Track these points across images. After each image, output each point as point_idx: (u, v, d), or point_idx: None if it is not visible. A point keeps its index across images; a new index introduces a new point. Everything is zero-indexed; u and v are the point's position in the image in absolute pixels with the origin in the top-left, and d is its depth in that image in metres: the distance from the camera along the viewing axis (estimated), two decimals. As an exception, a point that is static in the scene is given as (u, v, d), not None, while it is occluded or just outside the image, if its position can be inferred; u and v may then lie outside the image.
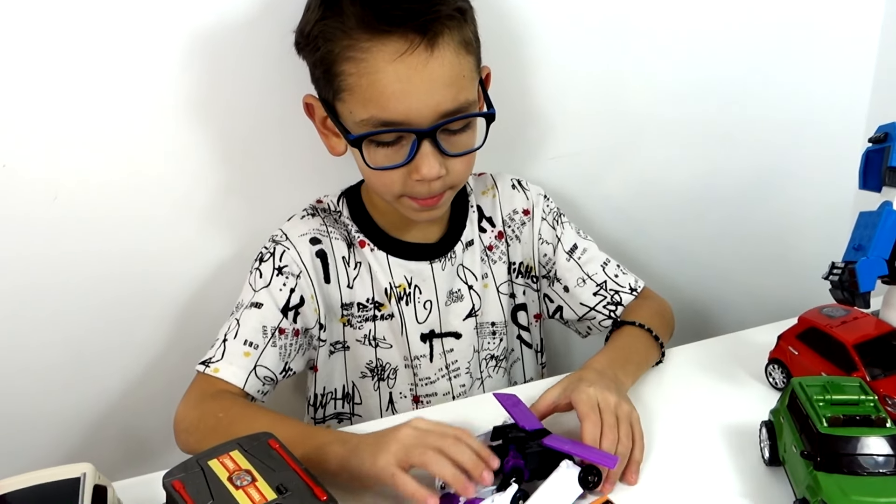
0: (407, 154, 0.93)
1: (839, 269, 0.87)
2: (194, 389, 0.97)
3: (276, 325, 1.00)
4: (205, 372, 0.97)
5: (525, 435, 0.82)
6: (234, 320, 1.00)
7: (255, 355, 0.98)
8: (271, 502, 0.63)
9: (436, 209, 1.02)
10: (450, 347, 1.13)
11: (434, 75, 0.90)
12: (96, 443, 1.22)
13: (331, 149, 1.03)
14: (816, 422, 0.73)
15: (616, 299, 1.14)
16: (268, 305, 1.01)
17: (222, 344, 0.98)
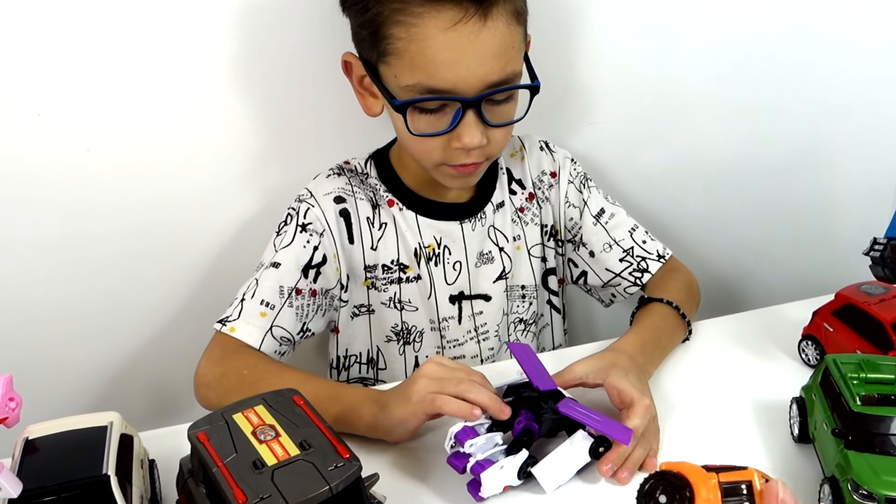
0: (450, 122, 0.92)
1: (881, 244, 0.84)
2: (215, 346, 0.97)
3: (294, 286, 1.00)
4: (221, 330, 0.97)
5: (538, 395, 0.80)
6: (254, 280, 1.00)
7: (272, 315, 0.98)
8: (294, 458, 0.63)
9: (472, 177, 1.02)
10: (479, 310, 1.13)
11: (485, 46, 0.89)
12: (123, 394, 1.24)
13: (367, 109, 1.02)
14: (850, 400, 0.71)
15: (643, 266, 1.12)
16: (286, 266, 1.00)
17: (240, 303, 0.99)
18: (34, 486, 0.63)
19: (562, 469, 0.78)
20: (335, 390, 0.89)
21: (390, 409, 0.81)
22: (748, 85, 1.33)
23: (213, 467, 0.62)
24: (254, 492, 0.59)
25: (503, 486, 0.76)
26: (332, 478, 0.61)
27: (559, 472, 0.78)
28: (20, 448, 0.68)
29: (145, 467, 0.74)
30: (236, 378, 0.91)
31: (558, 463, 0.77)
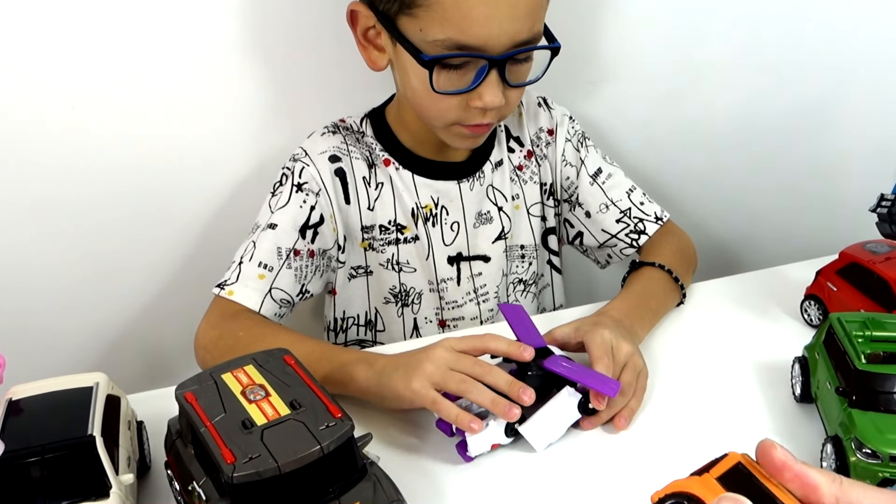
0: (472, 80, 0.90)
1: (889, 200, 0.82)
2: (214, 310, 0.96)
3: (292, 247, 0.98)
4: (220, 294, 0.95)
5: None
6: (251, 242, 0.98)
7: (270, 278, 0.96)
8: (284, 417, 0.61)
9: (481, 138, 1.00)
10: (478, 271, 1.11)
11: (519, 3, 0.86)
12: (115, 358, 1.23)
13: (370, 63, 0.98)
14: (854, 358, 0.70)
15: (640, 227, 1.10)
16: (283, 226, 0.98)
17: (238, 266, 0.97)
18: (17, 447, 0.61)
19: (550, 427, 0.76)
20: (329, 351, 0.87)
21: (388, 380, 0.78)
22: (753, 45, 1.30)
23: (200, 427, 0.61)
24: (242, 452, 0.58)
25: (490, 444, 0.75)
26: (324, 437, 0.59)
27: (548, 430, 0.76)
28: (3, 409, 0.66)
29: (133, 429, 0.73)
30: (232, 340, 0.90)
31: (546, 421, 0.76)
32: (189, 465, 0.63)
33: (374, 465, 0.64)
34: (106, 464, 0.62)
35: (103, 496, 0.61)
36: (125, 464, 0.66)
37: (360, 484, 0.61)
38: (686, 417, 0.80)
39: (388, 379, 0.78)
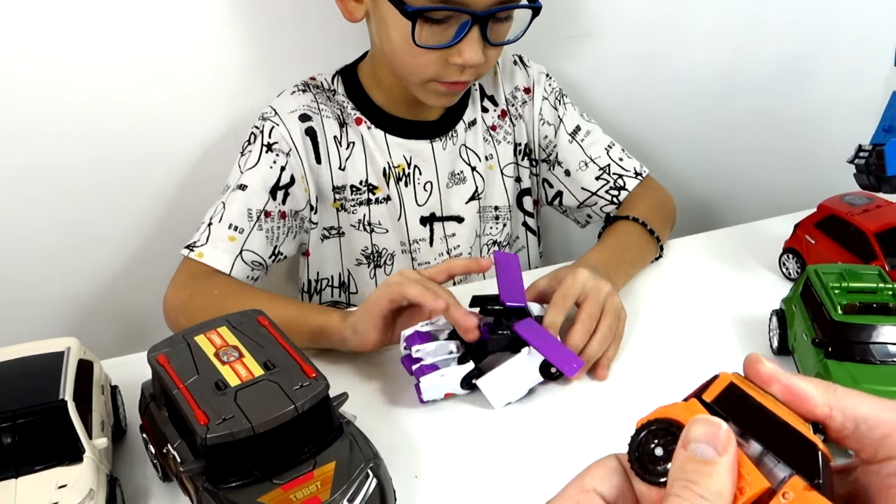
0: (453, 36, 0.88)
1: (866, 151, 0.81)
2: (183, 271, 0.94)
3: (262, 208, 0.96)
4: (189, 256, 0.94)
5: (502, 309, 0.77)
6: (221, 203, 0.97)
7: (241, 239, 0.95)
8: (258, 378, 0.61)
9: (456, 95, 0.99)
10: (451, 232, 1.10)
11: None
12: (90, 324, 1.21)
13: (347, 14, 0.96)
14: (831, 309, 0.70)
15: (619, 184, 1.09)
16: (253, 187, 0.96)
17: (207, 227, 0.95)
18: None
19: (509, 385, 0.76)
20: (303, 311, 0.86)
21: (356, 312, 0.79)
22: (734, 4, 1.29)
23: (173, 389, 0.60)
24: (216, 413, 0.57)
25: (444, 393, 0.76)
26: (298, 397, 0.59)
27: (506, 388, 0.76)
28: (-28, 375, 0.65)
29: (107, 393, 0.72)
30: (205, 298, 0.89)
31: (504, 378, 0.75)
32: (163, 428, 0.63)
33: (351, 424, 0.64)
34: (78, 428, 0.61)
35: (77, 461, 0.60)
36: (99, 428, 0.65)
37: (337, 443, 0.61)
38: (663, 371, 0.81)
39: (356, 312, 0.80)
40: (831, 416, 0.33)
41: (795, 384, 0.33)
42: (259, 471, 0.57)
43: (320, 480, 0.58)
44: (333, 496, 0.57)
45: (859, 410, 0.33)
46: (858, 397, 0.33)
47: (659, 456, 0.34)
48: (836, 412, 0.33)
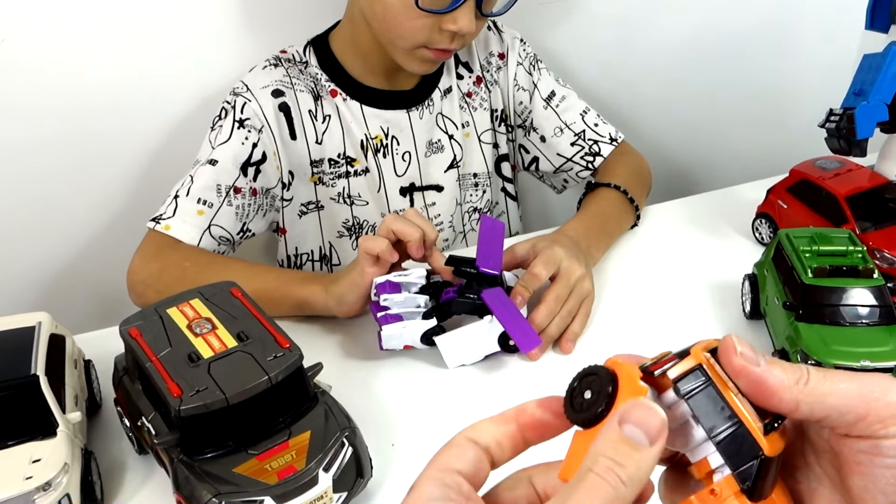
0: (450, 3, 0.88)
1: (837, 115, 0.82)
2: (148, 244, 0.93)
3: (232, 184, 0.95)
4: (155, 228, 0.92)
5: (475, 273, 0.77)
6: (189, 177, 0.95)
7: (210, 214, 0.93)
8: (231, 350, 0.61)
9: (439, 63, 0.99)
10: (431, 201, 1.10)
11: None
12: (63, 299, 1.20)
13: None
14: (801, 273, 0.71)
15: (595, 150, 1.09)
16: (223, 163, 0.95)
17: (174, 200, 0.94)
18: (-42, 388, 0.60)
19: (466, 348, 0.77)
20: (285, 278, 0.86)
21: (341, 283, 0.80)
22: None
23: (146, 362, 0.60)
24: (189, 385, 0.57)
25: (404, 344, 0.77)
26: (272, 368, 0.59)
27: (462, 351, 0.77)
28: (-58, 351, 0.64)
29: (80, 367, 0.72)
30: (177, 271, 0.88)
31: (462, 341, 0.76)
32: (137, 401, 0.63)
33: (326, 394, 0.64)
34: (51, 402, 0.61)
35: (50, 435, 0.60)
36: (72, 402, 0.65)
37: (312, 413, 0.61)
38: (637, 335, 0.81)
39: (343, 285, 0.80)
40: (798, 410, 0.33)
41: (763, 380, 0.32)
42: (234, 441, 0.57)
43: (295, 450, 0.58)
44: (309, 465, 0.57)
45: (829, 400, 0.32)
46: (831, 382, 0.32)
47: (586, 398, 0.34)
48: (804, 406, 0.32)
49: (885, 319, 0.67)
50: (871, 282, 0.69)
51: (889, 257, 0.80)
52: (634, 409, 0.31)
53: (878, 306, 0.68)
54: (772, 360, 0.33)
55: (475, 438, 0.37)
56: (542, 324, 0.78)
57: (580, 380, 0.35)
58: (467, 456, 0.36)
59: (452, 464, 0.36)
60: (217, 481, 0.55)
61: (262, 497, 0.55)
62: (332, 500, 0.57)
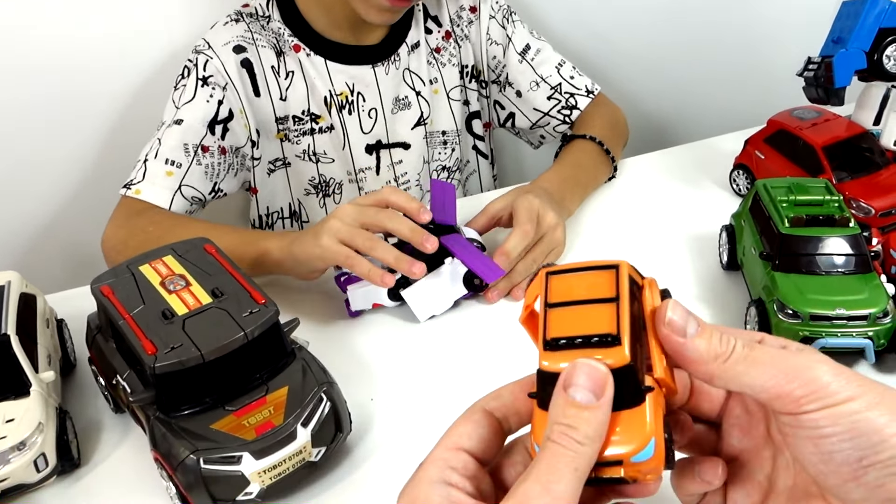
0: None
1: (815, 63, 0.81)
2: (120, 210, 0.91)
3: (199, 143, 0.93)
4: (127, 194, 0.91)
5: (433, 227, 0.76)
6: (156, 139, 0.93)
7: (179, 175, 0.92)
8: (206, 306, 0.60)
9: (397, 14, 0.96)
10: (398, 159, 1.08)
11: None
12: (35, 259, 1.19)
13: None
14: (778, 222, 0.70)
15: (571, 102, 1.08)
16: (189, 122, 0.93)
17: (143, 164, 0.92)
18: (-74, 349, 0.59)
19: (433, 297, 0.77)
20: (243, 237, 0.84)
21: (299, 245, 0.77)
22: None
23: (119, 320, 0.59)
24: (164, 342, 0.56)
25: (372, 303, 0.77)
26: (247, 324, 0.58)
27: (430, 300, 0.77)
28: None
29: (52, 327, 0.70)
30: (142, 236, 0.86)
31: (429, 290, 0.76)
32: (111, 360, 0.62)
33: (304, 349, 0.63)
34: (23, 362, 0.60)
35: (23, 394, 0.59)
36: (45, 361, 0.64)
37: (289, 368, 0.60)
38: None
39: (300, 244, 0.76)
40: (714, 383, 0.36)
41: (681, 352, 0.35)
42: (211, 398, 0.57)
43: (273, 406, 0.57)
44: (287, 420, 0.57)
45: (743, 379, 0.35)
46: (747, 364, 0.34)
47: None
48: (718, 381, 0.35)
49: (860, 268, 0.67)
50: (847, 231, 0.69)
51: (865, 206, 0.80)
52: (575, 371, 0.33)
53: (853, 255, 0.68)
54: (701, 332, 0.35)
55: (493, 410, 0.38)
56: (512, 252, 0.77)
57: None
58: (479, 433, 0.38)
59: (463, 442, 0.37)
60: (194, 438, 0.55)
61: (241, 453, 0.54)
62: (311, 454, 0.57)
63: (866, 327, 0.64)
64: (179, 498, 0.55)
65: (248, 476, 0.54)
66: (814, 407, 0.33)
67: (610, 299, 0.36)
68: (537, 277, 0.38)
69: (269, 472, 0.55)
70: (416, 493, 0.35)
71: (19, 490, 0.58)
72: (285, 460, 0.56)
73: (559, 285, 0.37)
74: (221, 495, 0.55)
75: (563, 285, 0.37)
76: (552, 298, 0.36)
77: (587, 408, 0.32)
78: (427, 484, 0.35)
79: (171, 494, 0.56)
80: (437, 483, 0.35)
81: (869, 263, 0.67)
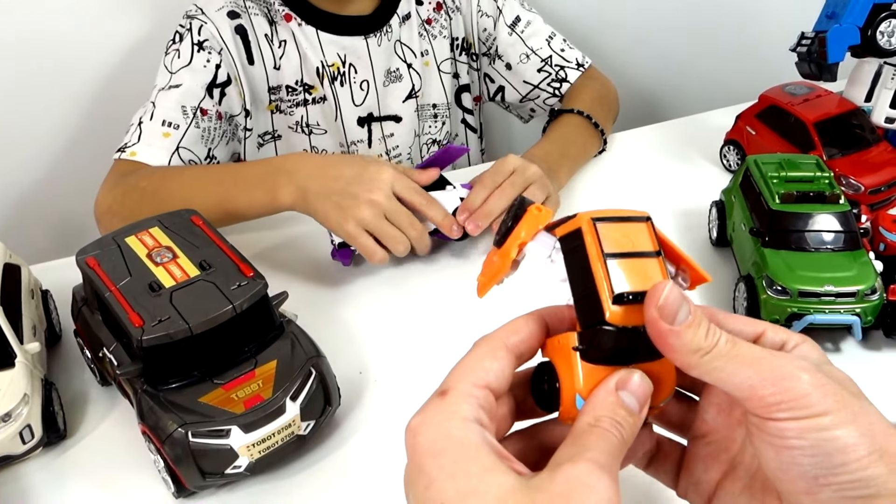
0: None
1: (809, 38, 0.81)
2: (113, 174, 0.90)
3: (198, 105, 0.92)
4: (121, 157, 0.89)
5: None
6: (150, 103, 0.92)
7: (177, 136, 0.90)
8: (194, 279, 0.59)
9: None
10: (389, 132, 1.07)
11: None
12: (19, 229, 1.17)
13: None
14: (769, 198, 0.70)
15: (561, 75, 1.07)
16: (188, 85, 0.92)
17: (138, 127, 0.90)
18: None
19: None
20: (240, 169, 0.83)
21: (319, 205, 0.74)
22: None
23: (105, 292, 0.58)
24: (151, 315, 0.55)
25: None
26: (236, 297, 0.57)
27: None
28: None
29: (37, 298, 0.70)
30: (137, 194, 0.85)
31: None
32: (98, 332, 0.61)
33: (292, 322, 0.63)
34: (8, 332, 0.60)
35: (8, 366, 0.59)
36: (31, 333, 0.64)
37: (278, 342, 0.60)
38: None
39: (320, 204, 0.74)
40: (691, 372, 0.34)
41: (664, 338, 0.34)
42: (199, 371, 0.57)
43: (262, 379, 0.57)
44: (276, 394, 0.56)
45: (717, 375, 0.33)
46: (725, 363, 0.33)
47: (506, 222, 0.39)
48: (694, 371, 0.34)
49: (849, 245, 0.67)
50: (837, 207, 0.69)
51: (855, 183, 0.80)
52: (634, 377, 0.34)
53: (843, 232, 0.68)
54: (690, 323, 0.33)
55: (512, 347, 0.37)
56: (473, 204, 0.77)
57: (508, 211, 0.38)
58: (504, 372, 0.36)
59: (490, 380, 0.36)
60: (182, 411, 0.54)
61: (229, 426, 0.54)
62: (299, 428, 0.57)
63: (854, 304, 0.64)
64: (167, 471, 0.55)
65: (236, 449, 0.54)
66: (784, 416, 0.32)
67: (653, 253, 0.36)
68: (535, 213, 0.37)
69: (258, 446, 0.55)
70: (449, 428, 0.33)
71: (5, 461, 0.58)
72: (274, 434, 0.56)
73: (608, 234, 0.36)
74: (210, 469, 0.54)
75: (611, 234, 0.36)
76: (607, 248, 0.35)
77: (634, 415, 0.34)
78: (461, 420, 0.33)
79: (160, 468, 0.56)
80: (472, 422, 0.33)
81: (858, 241, 0.68)
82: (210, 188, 0.78)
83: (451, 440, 0.32)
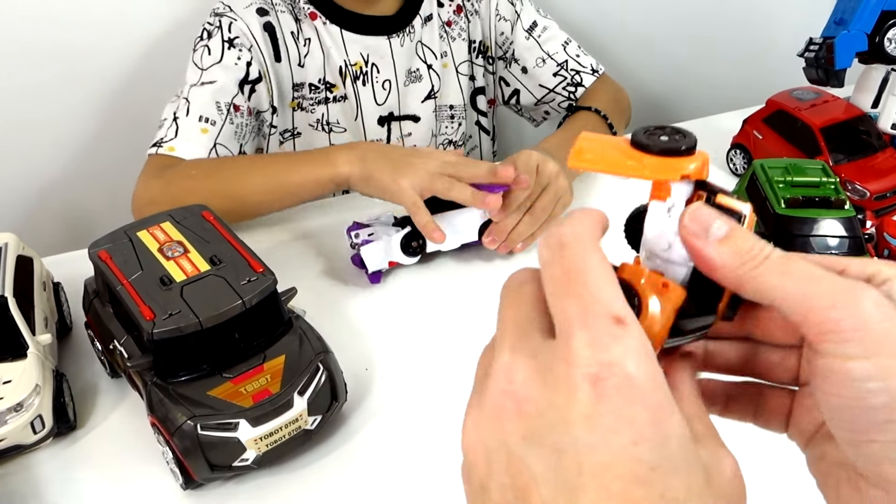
0: None
1: (817, 44, 0.81)
2: (150, 168, 0.89)
3: (231, 101, 0.92)
4: (158, 153, 0.88)
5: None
6: (183, 99, 0.91)
7: (214, 132, 0.90)
8: (204, 273, 0.60)
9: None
10: (408, 131, 1.08)
11: None
12: (32, 222, 1.18)
13: None
14: (774, 203, 0.71)
15: (576, 80, 1.08)
16: (221, 82, 0.92)
17: (173, 122, 0.90)
18: (-77, 310, 0.59)
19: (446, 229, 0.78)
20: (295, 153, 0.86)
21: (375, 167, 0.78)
22: None
23: (117, 286, 0.59)
24: (162, 308, 0.56)
25: (388, 261, 0.78)
26: (245, 292, 0.58)
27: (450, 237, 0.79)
28: None
29: (49, 290, 0.71)
30: (187, 182, 0.85)
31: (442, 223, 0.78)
32: (109, 325, 0.62)
33: (301, 318, 0.64)
34: (20, 324, 0.60)
35: (21, 356, 0.60)
36: (42, 324, 0.64)
37: (286, 337, 0.61)
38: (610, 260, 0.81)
39: (376, 166, 0.78)
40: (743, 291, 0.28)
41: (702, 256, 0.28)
42: (208, 365, 0.57)
43: (270, 374, 0.58)
44: (284, 388, 0.57)
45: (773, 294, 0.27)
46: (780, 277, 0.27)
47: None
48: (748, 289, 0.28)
49: (854, 250, 0.68)
50: (843, 213, 0.70)
51: (860, 189, 0.81)
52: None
53: (847, 237, 0.68)
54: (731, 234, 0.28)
55: None
56: (513, 203, 0.79)
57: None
58: None
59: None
60: (191, 404, 0.55)
61: (238, 420, 0.55)
62: (307, 422, 0.58)
63: (858, 309, 0.65)
64: (176, 463, 0.56)
65: (244, 443, 0.55)
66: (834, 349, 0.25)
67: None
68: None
69: (266, 440, 0.56)
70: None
71: (16, 451, 0.59)
72: (281, 428, 0.56)
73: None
74: (218, 461, 0.55)
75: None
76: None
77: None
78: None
79: (168, 459, 0.57)
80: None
81: (863, 246, 0.68)
82: (268, 168, 0.81)
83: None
